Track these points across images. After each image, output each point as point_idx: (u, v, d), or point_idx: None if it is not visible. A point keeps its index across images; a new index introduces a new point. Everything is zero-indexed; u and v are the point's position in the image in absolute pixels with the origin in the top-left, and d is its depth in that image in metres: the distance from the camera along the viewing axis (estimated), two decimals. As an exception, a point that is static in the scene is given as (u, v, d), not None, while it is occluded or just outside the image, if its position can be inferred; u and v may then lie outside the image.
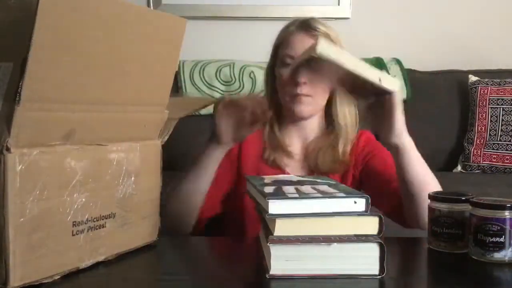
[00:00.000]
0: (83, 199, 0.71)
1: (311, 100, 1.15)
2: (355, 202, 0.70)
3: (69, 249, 0.69)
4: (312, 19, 1.18)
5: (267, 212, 0.69)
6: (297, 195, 0.71)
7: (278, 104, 1.19)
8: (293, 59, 1.14)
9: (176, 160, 1.79)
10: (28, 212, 0.63)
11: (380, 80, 0.68)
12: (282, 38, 1.19)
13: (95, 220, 0.73)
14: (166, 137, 0.90)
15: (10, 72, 0.62)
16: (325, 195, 0.71)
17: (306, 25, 1.16)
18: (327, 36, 1.15)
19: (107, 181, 0.75)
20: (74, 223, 0.70)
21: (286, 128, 1.22)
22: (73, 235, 0.69)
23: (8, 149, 0.60)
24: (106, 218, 0.75)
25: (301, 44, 1.13)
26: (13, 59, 0.62)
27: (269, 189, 0.75)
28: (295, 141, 1.22)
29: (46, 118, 0.65)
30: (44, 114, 0.64)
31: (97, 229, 0.73)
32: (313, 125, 1.22)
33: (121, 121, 0.78)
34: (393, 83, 0.70)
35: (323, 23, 1.19)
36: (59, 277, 0.67)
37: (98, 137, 0.73)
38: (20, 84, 0.60)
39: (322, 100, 1.18)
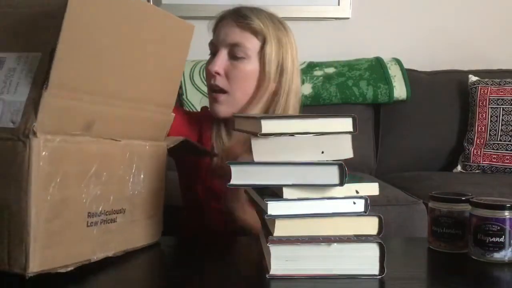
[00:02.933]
0: (98, 191, 0.71)
1: (227, 97, 1.06)
2: (354, 203, 0.70)
3: (83, 240, 0.70)
4: (248, 7, 1.08)
5: (266, 213, 0.69)
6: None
7: None
8: (215, 47, 1.08)
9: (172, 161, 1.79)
10: (50, 198, 0.63)
11: (357, 192, 0.70)
12: (214, 25, 1.11)
13: (108, 213, 0.74)
14: (171, 145, 0.90)
15: (38, 61, 0.64)
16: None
17: (236, 12, 1.08)
18: (260, 31, 1.04)
19: (120, 176, 0.76)
20: (89, 214, 0.70)
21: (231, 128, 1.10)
22: (87, 226, 0.70)
23: (34, 133, 0.61)
24: (117, 213, 0.76)
25: (223, 31, 1.06)
26: (42, 50, 0.64)
27: None
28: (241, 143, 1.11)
29: (69, 106, 0.66)
30: (68, 102, 0.66)
31: (109, 222, 0.74)
32: None
33: (133, 119, 0.79)
34: (373, 188, 0.71)
35: (262, 12, 1.08)
36: (73, 267, 0.68)
37: (113, 131, 0.74)
38: (48, 71, 0.62)
39: (242, 97, 1.07)
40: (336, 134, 0.70)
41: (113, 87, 0.73)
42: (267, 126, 0.67)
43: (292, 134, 0.68)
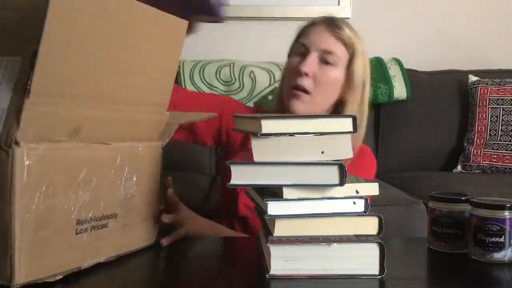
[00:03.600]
0: (87, 198, 0.70)
1: (309, 98, 1.08)
2: (354, 203, 0.70)
3: (72, 248, 0.69)
4: (339, 18, 1.15)
5: (266, 213, 0.69)
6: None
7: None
8: (306, 48, 1.10)
9: (176, 161, 1.79)
10: (35, 208, 0.62)
11: (357, 192, 0.70)
12: (304, 28, 1.15)
13: (98, 219, 0.73)
14: (167, 140, 0.89)
15: (18, 66, 0.62)
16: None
17: (330, 20, 1.13)
18: (351, 44, 1.09)
19: (111, 181, 0.75)
20: (78, 221, 0.69)
21: None
22: (76, 233, 0.69)
23: (17, 143, 0.60)
24: (108, 218, 0.75)
25: (317, 36, 1.10)
26: (22, 54, 0.62)
27: None
28: None
29: (54, 112, 0.64)
30: (52, 108, 0.64)
31: (99, 228, 0.73)
32: None
33: (124, 121, 0.77)
34: (373, 188, 0.71)
35: (350, 25, 1.14)
36: (61, 276, 0.67)
37: (102, 135, 0.73)
38: (30, 77, 0.60)
39: (323, 102, 1.11)
40: (336, 134, 0.70)
41: (101, 90, 0.71)
42: (267, 126, 0.67)
43: (292, 134, 0.68)
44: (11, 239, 0.60)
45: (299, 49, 1.12)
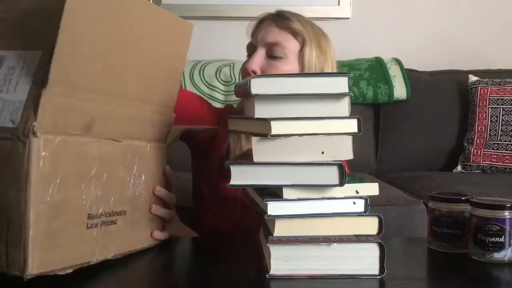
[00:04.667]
0: (99, 193, 0.70)
1: None
2: (354, 203, 0.70)
3: (83, 242, 0.69)
4: (287, 11, 1.08)
5: (266, 213, 0.69)
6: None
7: None
8: (254, 47, 1.06)
9: (176, 161, 1.78)
10: (49, 199, 0.62)
11: (357, 192, 0.70)
12: (253, 28, 1.10)
13: (108, 215, 0.73)
14: (173, 142, 0.89)
15: (38, 59, 0.63)
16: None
17: (276, 13, 1.07)
18: (300, 32, 1.03)
19: (120, 178, 0.75)
20: (89, 215, 0.69)
21: None
22: (87, 228, 0.69)
23: (34, 133, 0.60)
24: (117, 215, 0.75)
25: (263, 31, 1.05)
26: (42, 47, 0.64)
27: None
28: None
29: (69, 104, 0.65)
30: (67, 100, 0.65)
31: (109, 224, 0.73)
32: None
33: (134, 118, 0.78)
34: (373, 188, 0.71)
35: (301, 16, 1.07)
36: (71, 270, 0.67)
37: (113, 131, 0.74)
38: (48, 68, 0.61)
39: None
40: (337, 135, 0.70)
41: (113, 86, 0.73)
42: (277, 127, 0.67)
43: (301, 135, 0.68)
44: (26, 228, 0.60)
45: (249, 50, 1.08)
